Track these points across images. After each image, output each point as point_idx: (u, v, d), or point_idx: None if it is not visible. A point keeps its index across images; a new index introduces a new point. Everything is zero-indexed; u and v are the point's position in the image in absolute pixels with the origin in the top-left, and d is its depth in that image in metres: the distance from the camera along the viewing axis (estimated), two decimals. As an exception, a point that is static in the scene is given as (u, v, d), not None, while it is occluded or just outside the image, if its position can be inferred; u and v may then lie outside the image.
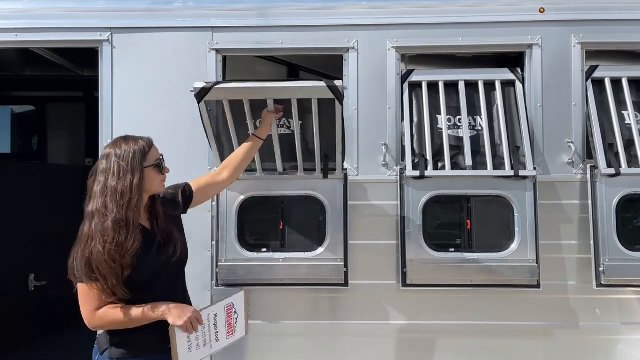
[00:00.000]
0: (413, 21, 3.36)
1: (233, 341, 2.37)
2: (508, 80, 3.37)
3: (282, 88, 2.83)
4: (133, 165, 2.16)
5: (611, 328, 3.25)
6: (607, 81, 3.33)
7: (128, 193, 2.12)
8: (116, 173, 2.14)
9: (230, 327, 2.33)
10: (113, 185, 2.13)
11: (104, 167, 2.17)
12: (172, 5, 3.42)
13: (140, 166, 2.19)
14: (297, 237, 3.23)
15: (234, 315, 2.34)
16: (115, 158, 2.17)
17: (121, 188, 2.12)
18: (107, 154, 2.21)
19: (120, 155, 2.17)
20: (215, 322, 2.27)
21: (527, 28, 3.33)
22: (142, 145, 2.24)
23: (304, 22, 3.37)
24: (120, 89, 3.38)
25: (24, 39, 3.43)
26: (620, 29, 3.34)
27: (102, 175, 2.16)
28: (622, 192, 3.15)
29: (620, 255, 3.11)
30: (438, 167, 3.23)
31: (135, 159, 2.18)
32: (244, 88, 2.79)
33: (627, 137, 3.25)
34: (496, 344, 3.27)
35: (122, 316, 2.12)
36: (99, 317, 2.14)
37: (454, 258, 3.16)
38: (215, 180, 2.75)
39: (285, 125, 3.27)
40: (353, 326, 3.29)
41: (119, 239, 2.07)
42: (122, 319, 2.13)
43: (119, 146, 2.22)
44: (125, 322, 2.14)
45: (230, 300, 2.35)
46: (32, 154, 6.09)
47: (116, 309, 2.14)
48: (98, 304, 2.14)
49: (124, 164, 2.15)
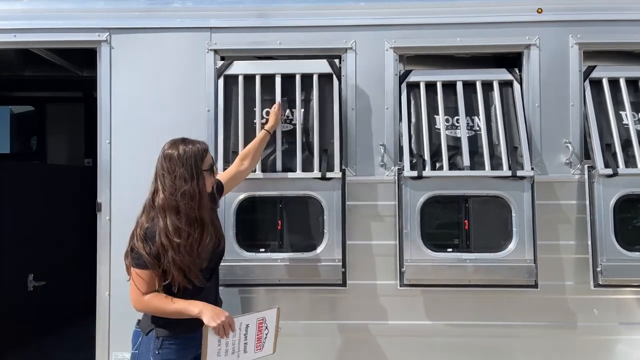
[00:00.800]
0: (411, 22, 3.37)
1: (260, 356, 2.40)
2: (506, 80, 3.38)
3: (289, 63, 3.34)
4: (197, 168, 2.38)
5: (609, 328, 3.26)
6: (605, 81, 3.34)
7: (197, 195, 2.34)
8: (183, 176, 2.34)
9: (260, 342, 2.36)
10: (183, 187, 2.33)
11: (169, 167, 2.37)
12: (171, 6, 3.43)
13: (201, 169, 2.40)
14: (296, 237, 3.23)
15: (264, 330, 2.37)
16: (178, 160, 2.37)
17: (191, 190, 2.33)
18: (169, 155, 2.40)
19: (183, 158, 2.38)
20: (246, 332, 2.32)
21: (524, 28, 3.34)
22: (201, 149, 2.45)
23: (302, 22, 3.38)
24: (119, 89, 3.39)
25: (23, 39, 3.44)
26: (617, 30, 3.35)
27: (169, 176, 2.36)
28: (620, 192, 3.15)
29: (617, 255, 3.12)
30: (436, 168, 3.24)
31: (197, 162, 2.39)
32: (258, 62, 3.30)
33: (624, 137, 3.26)
34: (494, 344, 3.27)
35: (164, 306, 2.32)
36: (145, 301, 2.34)
37: (451, 258, 3.16)
38: (239, 170, 2.99)
39: (288, 118, 3.29)
40: (351, 326, 3.30)
41: (195, 236, 2.31)
42: (163, 308, 2.32)
43: (181, 148, 2.42)
44: (165, 312, 2.33)
45: (263, 315, 2.39)
46: (31, 154, 6.10)
47: (160, 298, 2.33)
48: (146, 289, 2.33)
49: (189, 166, 2.37)
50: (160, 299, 2.34)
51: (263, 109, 3.31)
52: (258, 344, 2.36)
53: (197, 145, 2.45)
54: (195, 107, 3.36)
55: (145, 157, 2.54)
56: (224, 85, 3.32)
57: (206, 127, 3.35)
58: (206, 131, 3.34)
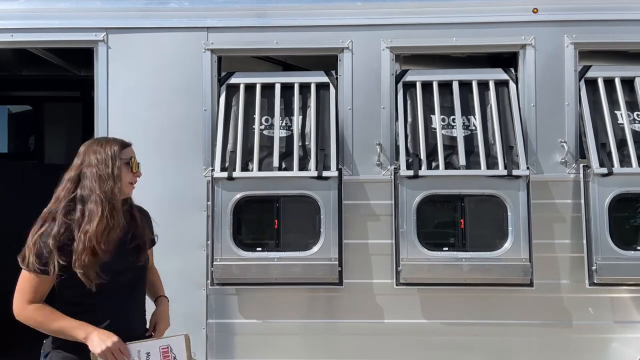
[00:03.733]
0: (407, 21, 3.38)
1: None
2: (502, 80, 3.40)
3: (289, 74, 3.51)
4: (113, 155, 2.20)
5: (604, 326, 3.27)
6: (600, 81, 3.35)
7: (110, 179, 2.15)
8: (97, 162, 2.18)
9: None
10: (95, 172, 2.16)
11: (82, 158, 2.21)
12: (167, 6, 3.43)
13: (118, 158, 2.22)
14: (292, 236, 3.24)
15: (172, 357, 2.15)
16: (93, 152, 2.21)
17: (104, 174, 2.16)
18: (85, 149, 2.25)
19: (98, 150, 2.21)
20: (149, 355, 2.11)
21: (520, 28, 3.35)
22: (119, 141, 2.29)
23: (298, 22, 3.39)
24: (116, 88, 3.39)
25: (20, 39, 3.45)
26: (613, 29, 3.36)
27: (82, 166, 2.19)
28: (615, 191, 3.17)
29: (612, 254, 3.13)
30: (432, 167, 3.25)
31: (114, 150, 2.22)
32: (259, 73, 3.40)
33: (619, 137, 3.28)
34: (489, 342, 3.28)
35: (47, 321, 2.08)
36: (28, 311, 2.09)
37: (447, 257, 3.18)
38: None
39: (286, 125, 3.32)
40: (347, 325, 3.31)
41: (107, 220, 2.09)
42: (45, 324, 2.08)
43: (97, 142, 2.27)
44: (47, 328, 2.09)
45: (167, 342, 2.16)
46: (29, 154, 6.10)
47: (47, 310, 2.09)
48: (33, 296, 2.09)
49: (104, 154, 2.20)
50: (46, 312, 2.08)
51: (262, 116, 3.35)
52: None
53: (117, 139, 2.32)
54: (192, 106, 3.37)
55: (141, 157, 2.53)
56: (226, 93, 3.37)
57: (203, 127, 3.36)
58: (203, 130, 3.35)
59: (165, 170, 3.31)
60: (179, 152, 3.35)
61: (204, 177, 3.33)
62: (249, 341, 3.30)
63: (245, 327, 3.29)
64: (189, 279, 3.25)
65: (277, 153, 3.27)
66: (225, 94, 3.38)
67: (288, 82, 3.42)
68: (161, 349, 2.14)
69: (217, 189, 3.22)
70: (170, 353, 2.15)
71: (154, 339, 2.22)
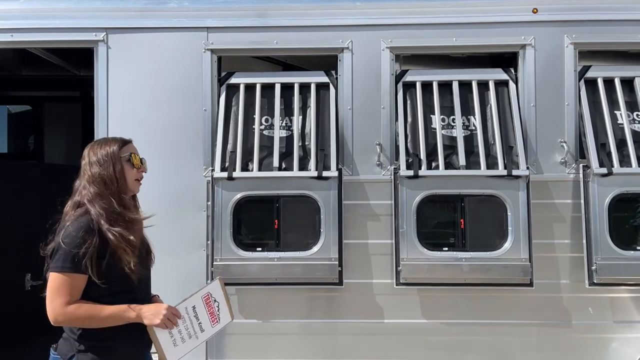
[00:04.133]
0: (407, 21, 3.38)
1: (219, 328, 2.35)
2: (501, 80, 3.40)
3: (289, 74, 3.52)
4: (113, 155, 2.24)
5: (604, 326, 3.28)
6: (600, 81, 3.35)
7: (115, 180, 2.20)
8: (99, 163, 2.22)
9: (213, 316, 2.30)
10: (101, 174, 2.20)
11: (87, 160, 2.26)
12: (167, 6, 3.43)
13: (119, 156, 2.25)
14: (292, 236, 3.24)
15: (214, 304, 2.31)
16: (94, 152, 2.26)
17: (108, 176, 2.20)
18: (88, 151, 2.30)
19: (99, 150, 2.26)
20: (195, 314, 2.25)
21: (520, 28, 3.36)
22: (119, 139, 2.33)
23: (298, 22, 3.39)
24: (116, 88, 3.39)
25: (20, 39, 3.45)
26: (612, 29, 3.37)
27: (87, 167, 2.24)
28: (614, 191, 3.17)
29: (612, 254, 3.13)
30: (432, 167, 3.25)
31: (112, 149, 2.25)
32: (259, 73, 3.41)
33: (619, 137, 3.28)
34: (489, 342, 3.29)
35: (96, 312, 2.09)
36: (71, 310, 2.09)
37: (447, 257, 3.18)
38: None
39: (286, 125, 3.32)
40: (348, 325, 3.31)
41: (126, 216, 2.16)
42: (95, 314, 2.09)
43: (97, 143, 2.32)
44: (98, 318, 2.10)
45: (207, 290, 2.30)
46: (29, 154, 6.09)
47: (88, 305, 2.10)
48: (70, 298, 2.10)
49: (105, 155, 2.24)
50: (88, 307, 2.09)
51: (262, 116, 3.35)
52: (213, 318, 2.29)
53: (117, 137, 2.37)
54: (192, 106, 3.37)
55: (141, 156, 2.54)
56: (226, 93, 3.37)
57: (202, 127, 3.36)
58: (203, 130, 3.36)
59: (165, 171, 3.31)
60: (179, 152, 3.35)
61: (204, 177, 3.33)
62: (249, 341, 3.30)
63: (245, 327, 3.29)
64: (189, 278, 3.25)
65: (277, 153, 3.27)
66: (225, 94, 3.39)
67: (288, 82, 3.42)
68: (203, 298, 2.27)
69: (217, 189, 3.22)
70: (211, 298, 2.29)
71: (194, 293, 2.30)
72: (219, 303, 2.31)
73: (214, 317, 2.29)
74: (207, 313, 2.28)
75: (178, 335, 2.19)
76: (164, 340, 2.15)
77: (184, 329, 2.21)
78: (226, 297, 2.35)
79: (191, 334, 2.22)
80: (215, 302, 2.30)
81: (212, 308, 2.29)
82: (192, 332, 2.23)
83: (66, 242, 2.10)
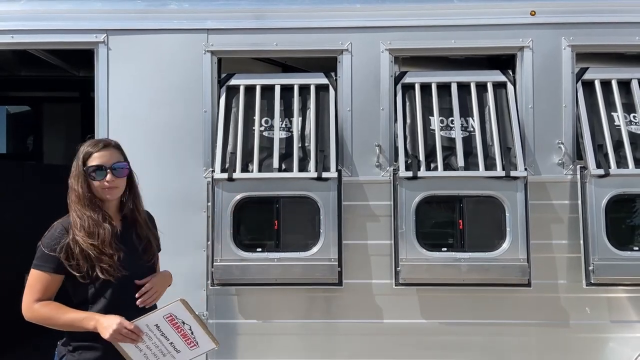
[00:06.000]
0: (406, 24, 3.40)
1: (201, 353, 2.23)
2: (500, 82, 3.42)
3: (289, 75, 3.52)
4: (78, 168, 2.27)
5: (601, 326, 3.30)
6: (597, 83, 3.38)
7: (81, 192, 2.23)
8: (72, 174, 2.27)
9: (187, 338, 2.18)
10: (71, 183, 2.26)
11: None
12: (168, 7, 3.45)
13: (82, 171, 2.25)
14: (292, 237, 3.25)
15: (183, 325, 2.17)
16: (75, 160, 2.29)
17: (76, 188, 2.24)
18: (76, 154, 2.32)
19: (75, 160, 2.29)
20: (162, 332, 2.15)
21: (518, 30, 3.38)
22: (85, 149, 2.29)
23: (298, 24, 3.41)
24: (116, 90, 3.40)
25: (21, 40, 3.46)
26: (609, 32, 3.39)
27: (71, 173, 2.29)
28: (611, 192, 3.19)
29: (609, 254, 3.16)
30: (431, 168, 3.27)
31: (79, 163, 2.27)
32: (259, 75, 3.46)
33: (616, 138, 3.30)
34: (488, 342, 3.31)
35: (57, 314, 2.13)
36: (35, 309, 2.15)
37: (446, 257, 3.20)
38: None
39: (286, 126, 3.34)
40: (347, 325, 3.33)
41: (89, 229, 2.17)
42: (55, 316, 2.14)
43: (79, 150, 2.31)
44: (57, 322, 2.14)
45: (168, 311, 2.17)
46: (28, 154, 6.10)
47: (53, 305, 2.15)
48: (40, 295, 2.16)
49: (74, 167, 2.28)
50: (52, 307, 2.14)
51: (262, 117, 3.37)
52: (188, 341, 2.18)
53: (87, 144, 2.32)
54: (192, 108, 3.39)
55: (142, 158, 2.56)
56: (226, 95, 3.38)
57: (203, 128, 3.37)
58: (203, 132, 3.37)
59: (165, 172, 3.33)
60: (179, 154, 3.37)
61: (204, 178, 3.34)
62: (249, 341, 3.31)
63: (245, 327, 3.30)
64: (189, 279, 3.26)
65: (277, 154, 3.29)
66: (225, 96, 3.40)
67: (288, 84, 3.44)
68: (166, 318, 2.16)
69: (217, 190, 3.23)
70: (177, 319, 2.17)
71: (153, 311, 2.22)
72: (190, 326, 2.18)
73: (188, 340, 2.18)
74: (178, 335, 2.17)
75: (148, 351, 2.14)
76: (133, 354, 2.12)
77: (154, 346, 2.15)
78: (199, 321, 2.20)
79: (164, 352, 2.16)
80: (185, 325, 2.18)
81: (181, 330, 2.17)
82: (165, 350, 2.16)
83: (43, 242, 2.19)
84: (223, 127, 3.34)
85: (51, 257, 2.15)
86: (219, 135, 3.32)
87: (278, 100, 3.39)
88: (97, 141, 2.34)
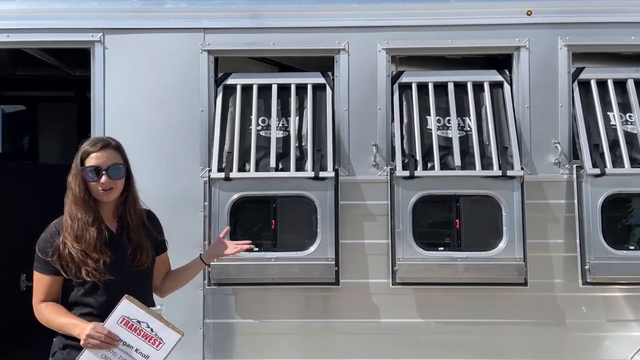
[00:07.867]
0: (403, 23, 3.40)
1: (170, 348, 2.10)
2: (496, 81, 3.43)
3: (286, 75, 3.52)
4: (76, 168, 2.27)
5: (597, 325, 3.32)
6: (593, 83, 3.39)
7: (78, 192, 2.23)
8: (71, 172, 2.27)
9: (149, 338, 2.07)
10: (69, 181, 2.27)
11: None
12: (164, 7, 3.44)
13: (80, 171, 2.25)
14: (289, 236, 3.26)
15: (140, 325, 2.07)
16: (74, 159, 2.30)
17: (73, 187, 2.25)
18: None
19: (75, 157, 2.29)
20: (123, 342, 2.06)
21: (514, 30, 3.39)
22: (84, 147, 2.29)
23: (295, 23, 3.41)
24: (112, 89, 3.39)
25: (16, 39, 3.44)
26: (606, 32, 3.41)
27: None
28: (607, 191, 3.20)
29: (605, 253, 3.17)
30: (427, 167, 3.28)
31: (77, 162, 2.27)
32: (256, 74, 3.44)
33: (612, 138, 3.31)
34: (484, 341, 3.31)
35: (53, 317, 2.18)
36: (39, 309, 2.22)
37: (443, 257, 3.21)
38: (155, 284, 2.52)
39: (283, 125, 3.34)
40: (344, 324, 3.33)
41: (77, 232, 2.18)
42: (52, 319, 2.19)
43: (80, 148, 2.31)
44: (52, 324, 2.20)
45: (119, 315, 2.07)
46: (23, 154, 6.07)
47: (52, 307, 2.20)
48: (44, 297, 2.21)
49: (74, 166, 2.28)
50: (50, 310, 2.19)
51: (259, 117, 3.37)
52: (151, 341, 2.07)
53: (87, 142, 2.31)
54: (189, 107, 3.38)
55: (138, 157, 2.54)
56: (223, 94, 3.37)
57: (199, 128, 3.37)
58: (199, 131, 3.36)
59: (162, 171, 3.33)
60: (176, 153, 3.36)
61: (201, 178, 3.34)
62: (246, 341, 3.31)
63: (242, 327, 3.30)
64: (186, 279, 3.25)
65: (274, 154, 3.29)
66: (222, 95, 3.40)
67: (285, 83, 3.44)
68: (120, 323, 2.08)
69: (214, 190, 3.23)
70: (131, 320, 2.08)
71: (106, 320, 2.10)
72: (147, 323, 2.07)
73: (151, 340, 2.07)
74: (139, 338, 2.07)
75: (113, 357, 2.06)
76: None
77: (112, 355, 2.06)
78: (153, 314, 2.10)
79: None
80: (142, 324, 2.07)
81: (140, 331, 2.07)
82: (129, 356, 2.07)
83: (38, 245, 2.23)
84: (220, 127, 3.34)
85: (45, 260, 2.19)
86: (215, 134, 3.32)
87: (275, 100, 3.39)
88: (97, 140, 2.33)
